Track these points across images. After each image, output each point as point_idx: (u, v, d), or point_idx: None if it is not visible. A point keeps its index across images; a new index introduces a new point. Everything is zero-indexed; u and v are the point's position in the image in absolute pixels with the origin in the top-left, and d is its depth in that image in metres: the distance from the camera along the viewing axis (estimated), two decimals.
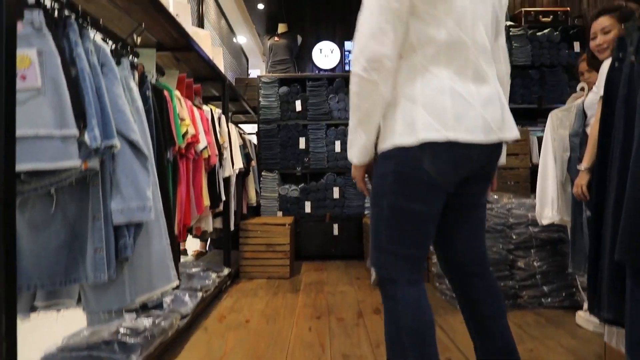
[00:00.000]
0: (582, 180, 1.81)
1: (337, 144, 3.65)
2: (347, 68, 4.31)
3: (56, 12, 1.15)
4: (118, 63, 1.43)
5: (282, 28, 4.19)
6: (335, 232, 3.64)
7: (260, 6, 4.19)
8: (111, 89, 1.27)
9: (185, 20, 2.20)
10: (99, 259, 1.21)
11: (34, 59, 1.04)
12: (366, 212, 3.67)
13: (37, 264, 1.22)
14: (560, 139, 2.13)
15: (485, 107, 0.97)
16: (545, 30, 3.62)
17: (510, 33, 3.60)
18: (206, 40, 2.59)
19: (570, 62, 3.63)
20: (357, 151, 1.04)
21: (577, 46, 3.62)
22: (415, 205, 0.98)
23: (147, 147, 1.43)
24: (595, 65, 1.92)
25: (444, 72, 0.96)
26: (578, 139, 2.05)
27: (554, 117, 2.16)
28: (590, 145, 1.79)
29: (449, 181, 0.99)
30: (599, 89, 1.77)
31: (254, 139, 4.00)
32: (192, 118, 2.03)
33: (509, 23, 3.73)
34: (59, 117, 1.07)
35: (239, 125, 4.53)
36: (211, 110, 2.44)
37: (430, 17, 0.94)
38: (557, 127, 2.15)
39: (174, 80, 2.20)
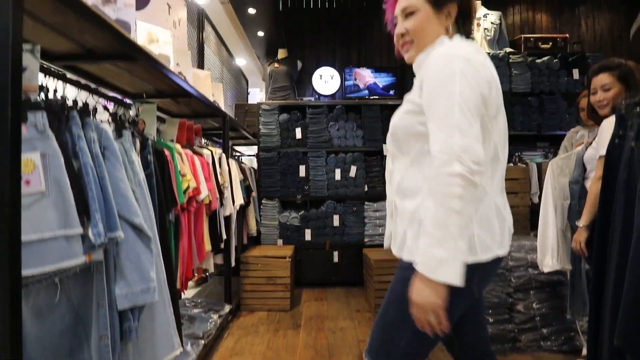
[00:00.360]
0: (581, 236, 1.83)
1: (337, 171, 3.65)
2: (347, 94, 4.30)
3: (59, 104, 1.16)
4: (119, 135, 1.44)
5: (282, 53, 4.19)
6: (336, 259, 3.66)
7: (260, 33, 4.19)
8: (113, 173, 1.27)
9: (186, 67, 2.21)
10: (103, 346, 1.21)
11: (38, 162, 1.04)
12: (366, 240, 3.68)
13: (41, 349, 1.23)
14: (560, 187, 2.14)
15: (509, 219, 1.05)
16: (545, 58, 3.62)
17: (510, 60, 3.61)
18: (206, 80, 2.59)
19: (570, 89, 3.64)
20: (460, 265, 0.85)
21: (576, 73, 3.63)
22: (450, 318, 0.99)
23: (150, 221, 1.44)
24: (595, 118, 1.94)
25: (490, 186, 0.99)
26: (578, 186, 2.06)
27: (554, 165, 2.17)
28: (589, 203, 1.80)
29: (482, 291, 1.05)
30: (598, 145, 1.79)
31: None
32: (193, 170, 2.03)
33: (508, 50, 3.74)
34: (62, 217, 1.07)
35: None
36: (212, 153, 2.45)
37: (486, 131, 0.96)
38: (557, 175, 2.16)
39: (174, 128, 2.20)
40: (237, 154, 4.08)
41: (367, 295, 3.33)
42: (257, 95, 5.37)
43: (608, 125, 1.68)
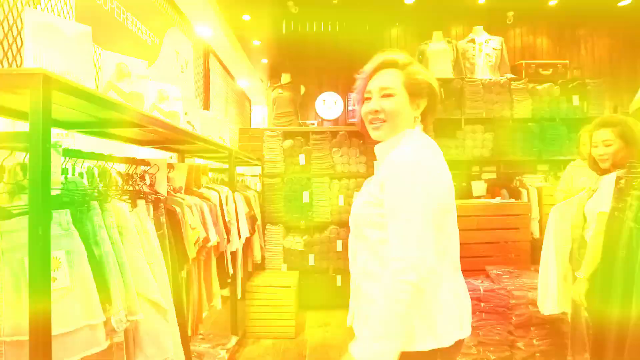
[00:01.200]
0: (581, 288, 1.88)
1: (341, 197, 3.70)
2: (349, 119, 4.34)
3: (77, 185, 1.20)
4: (134, 205, 1.49)
5: (285, 78, 4.22)
6: (339, 283, 3.71)
7: (264, 60, 4.22)
8: (131, 252, 1.32)
9: (194, 114, 2.25)
10: None
11: (63, 260, 1.09)
12: None
13: None
14: (562, 232, 2.19)
15: (468, 302, 1.10)
16: (545, 85, 3.66)
17: (512, 87, 3.65)
18: (213, 120, 2.63)
19: (569, 115, 3.69)
20: None
21: (575, 100, 3.67)
22: None
23: (166, 287, 1.49)
24: (596, 169, 2.01)
25: (451, 273, 1.06)
26: (579, 231, 2.12)
27: (556, 212, 2.22)
28: (590, 257, 1.85)
29: None
30: (600, 198, 1.85)
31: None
32: (202, 219, 2.08)
33: (510, 76, 3.78)
34: (86, 309, 1.12)
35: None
36: (218, 194, 2.49)
37: (443, 221, 1.03)
38: (558, 220, 2.21)
39: (183, 174, 2.24)
40: (241, 177, 4.12)
41: None
42: (259, 110, 5.42)
43: (608, 184, 1.74)
